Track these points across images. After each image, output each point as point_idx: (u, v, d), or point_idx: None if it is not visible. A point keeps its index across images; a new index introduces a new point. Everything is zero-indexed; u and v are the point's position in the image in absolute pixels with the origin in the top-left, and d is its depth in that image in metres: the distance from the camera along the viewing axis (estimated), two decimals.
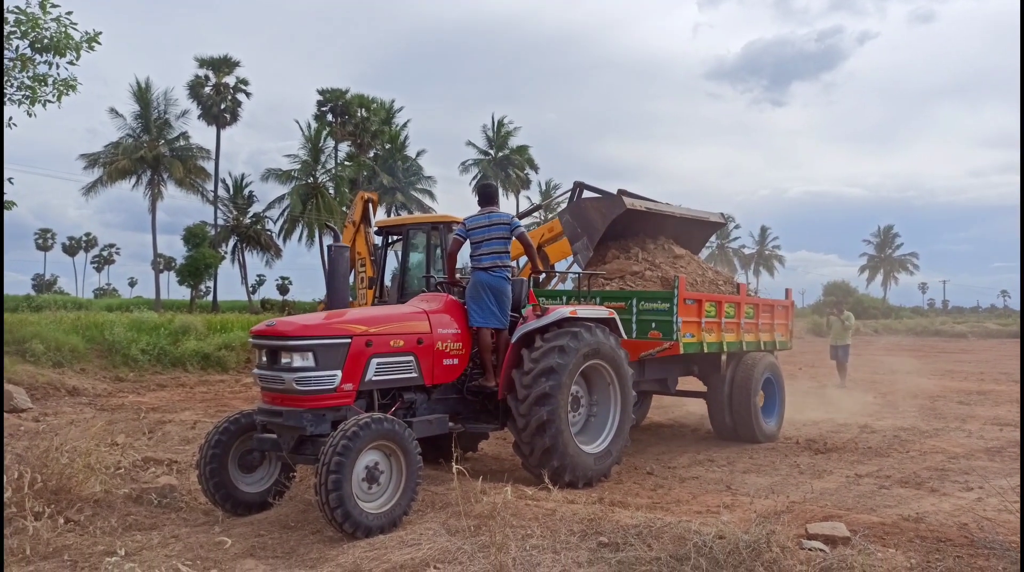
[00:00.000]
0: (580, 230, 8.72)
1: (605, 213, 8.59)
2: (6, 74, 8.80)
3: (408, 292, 10.31)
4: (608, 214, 8.53)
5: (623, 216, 8.67)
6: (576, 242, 8.76)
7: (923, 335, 45.94)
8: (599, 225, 8.57)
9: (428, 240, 10.56)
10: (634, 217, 8.91)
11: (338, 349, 5.45)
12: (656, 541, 4.43)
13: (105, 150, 42.60)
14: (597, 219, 8.61)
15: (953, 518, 5.73)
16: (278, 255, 48.69)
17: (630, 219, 8.92)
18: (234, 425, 5.69)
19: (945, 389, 15.58)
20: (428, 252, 10.53)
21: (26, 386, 11.71)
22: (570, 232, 8.98)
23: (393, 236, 11.18)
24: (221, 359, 16.20)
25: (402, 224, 11.23)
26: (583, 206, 9.09)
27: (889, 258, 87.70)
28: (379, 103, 49.67)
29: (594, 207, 8.88)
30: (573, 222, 8.96)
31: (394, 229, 11.18)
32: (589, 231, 8.62)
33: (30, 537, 4.62)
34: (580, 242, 8.63)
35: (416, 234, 10.83)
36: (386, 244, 11.20)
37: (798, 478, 7.27)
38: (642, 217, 9.04)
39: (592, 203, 9.02)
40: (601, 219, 8.56)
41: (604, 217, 8.55)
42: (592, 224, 8.65)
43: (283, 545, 4.85)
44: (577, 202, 9.40)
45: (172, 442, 8.41)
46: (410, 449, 5.20)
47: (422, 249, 10.75)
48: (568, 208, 9.39)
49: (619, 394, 7.05)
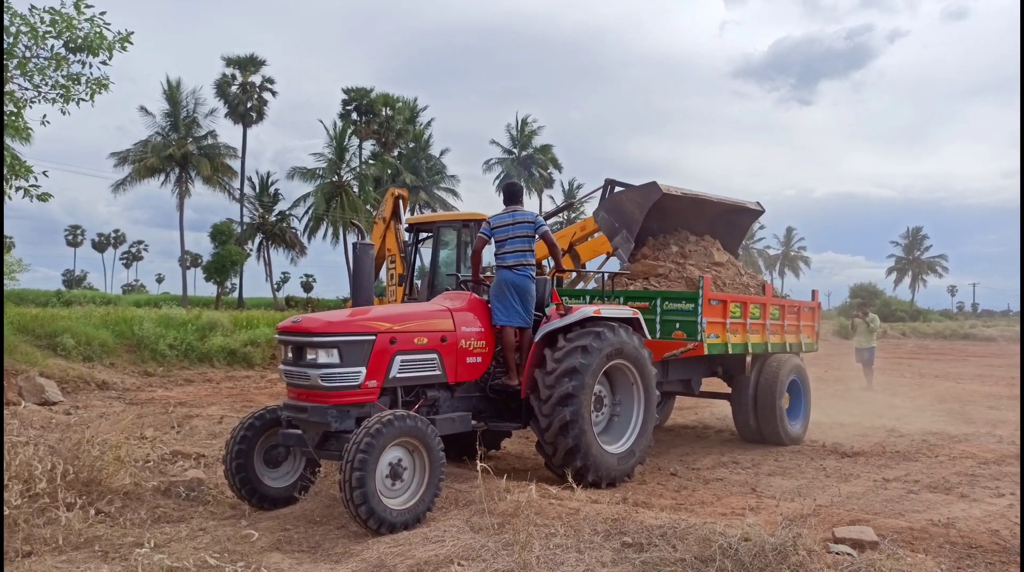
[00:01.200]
0: (618, 224, 8.59)
1: (641, 202, 8.47)
2: (41, 73, 8.96)
3: (438, 289, 10.27)
4: (645, 203, 8.41)
5: (660, 205, 8.53)
6: (616, 237, 8.62)
7: (952, 338, 45.19)
8: (637, 215, 8.44)
9: (459, 237, 10.54)
10: (672, 207, 8.74)
11: (363, 346, 5.48)
12: (681, 542, 4.40)
13: (135, 148, 43.29)
14: (634, 210, 8.48)
15: (984, 524, 5.64)
16: (303, 253, 49.12)
17: (668, 210, 8.74)
18: (260, 421, 5.76)
19: (975, 393, 15.31)
20: (459, 249, 10.52)
21: (57, 380, 11.94)
22: (607, 228, 8.87)
23: (423, 233, 11.18)
24: (247, 355, 16.38)
25: (432, 221, 11.20)
26: (618, 199, 8.98)
27: (917, 260, 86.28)
28: (403, 102, 49.92)
29: (629, 198, 8.76)
30: (609, 218, 8.84)
31: (424, 226, 11.17)
32: (628, 224, 8.49)
33: (63, 527, 4.71)
34: (620, 236, 8.50)
35: (446, 231, 10.81)
36: (416, 241, 11.21)
37: (824, 481, 7.19)
38: (680, 206, 8.88)
39: (627, 195, 8.90)
40: (638, 209, 8.43)
41: (641, 207, 8.43)
42: (630, 215, 8.52)
43: (308, 539, 4.89)
44: (612, 196, 9.28)
45: (199, 436, 8.52)
46: (433, 446, 5.22)
47: (452, 246, 10.73)
48: (602, 205, 9.26)
49: (642, 394, 7.02)
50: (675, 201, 8.77)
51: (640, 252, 9.16)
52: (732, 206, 9.74)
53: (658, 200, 8.47)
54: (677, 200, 8.78)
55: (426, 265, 11.21)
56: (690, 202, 9.02)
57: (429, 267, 10.89)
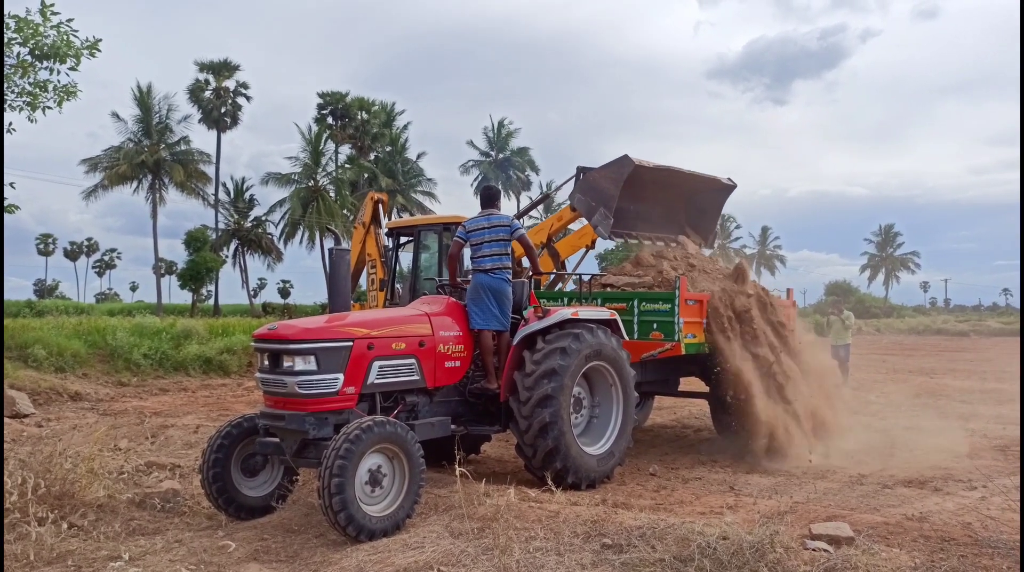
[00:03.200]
0: (595, 203, 8.52)
1: (615, 177, 8.42)
2: (6, 80, 8.82)
3: (419, 293, 10.23)
4: (619, 176, 8.35)
5: (635, 180, 8.43)
6: (594, 215, 8.54)
7: (925, 334, 45.92)
8: (613, 190, 8.39)
9: (439, 241, 10.50)
10: (646, 181, 8.67)
11: (340, 352, 5.45)
12: (660, 542, 4.43)
13: (106, 154, 42.70)
14: (609, 186, 8.43)
15: (957, 517, 5.72)
16: (279, 259, 48.72)
17: (642, 186, 8.65)
18: (236, 429, 5.70)
19: (948, 388, 15.56)
20: (439, 253, 10.47)
21: (28, 392, 11.74)
22: (585, 209, 8.78)
23: (404, 237, 11.14)
24: (223, 363, 16.22)
25: (413, 225, 11.13)
26: (592, 178, 8.87)
27: (890, 257, 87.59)
28: (379, 105, 49.72)
29: (603, 175, 8.69)
30: (586, 198, 8.75)
31: (405, 230, 11.12)
32: (604, 200, 8.43)
33: (34, 542, 4.63)
34: (598, 214, 8.41)
35: (427, 235, 10.76)
36: (397, 245, 11.17)
37: (801, 478, 7.26)
38: (653, 181, 8.81)
39: (600, 172, 8.82)
40: (613, 184, 8.38)
41: (615, 181, 8.38)
42: (606, 192, 8.46)
43: (287, 549, 4.85)
44: (585, 177, 9.17)
45: (175, 446, 8.42)
46: (413, 452, 5.20)
47: (433, 250, 10.68)
48: (577, 187, 9.14)
49: (621, 395, 7.05)
50: (648, 174, 8.68)
51: (627, 266, 9.17)
52: (705, 180, 9.69)
53: (632, 175, 8.39)
54: (650, 173, 8.70)
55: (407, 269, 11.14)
56: (664, 175, 8.92)
57: (410, 271, 10.84)
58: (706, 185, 9.72)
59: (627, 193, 8.55)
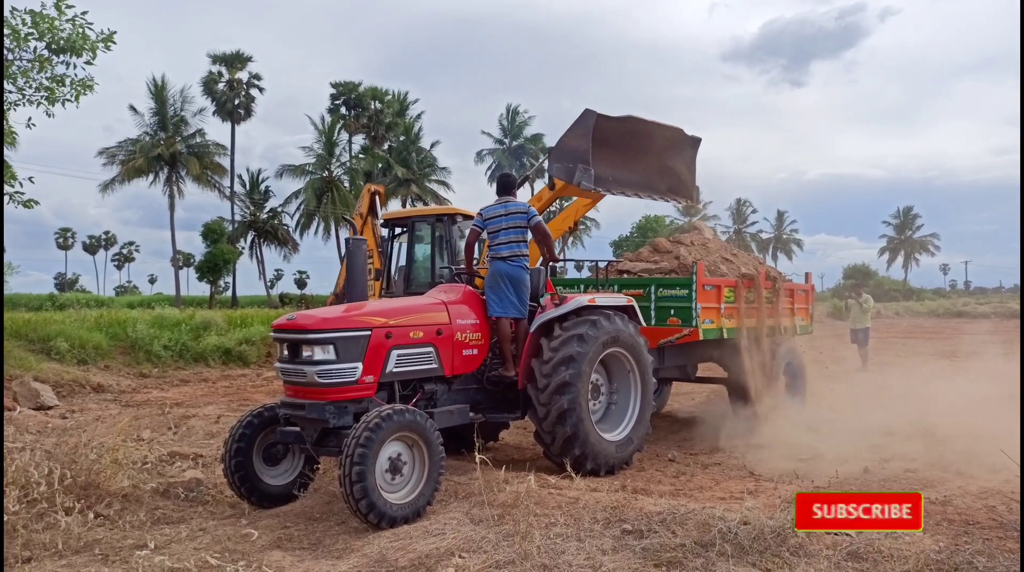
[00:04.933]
0: (572, 163, 8.44)
1: (582, 132, 8.32)
2: (25, 76, 8.88)
3: (414, 284, 10.39)
4: (586, 130, 8.27)
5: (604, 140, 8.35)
6: (575, 175, 8.47)
7: (945, 317, 45.40)
8: (584, 144, 8.30)
9: (433, 232, 10.67)
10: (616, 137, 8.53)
11: (358, 341, 5.47)
12: (680, 528, 4.43)
13: (122, 147, 42.97)
14: (580, 142, 8.34)
15: (981, 500, 5.67)
16: (295, 249, 48.99)
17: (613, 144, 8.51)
18: (257, 419, 5.75)
19: (969, 371, 15.38)
20: (432, 244, 10.63)
21: (52, 384, 11.89)
22: (564, 174, 8.67)
23: (399, 228, 11.32)
24: (242, 354, 16.34)
25: (407, 217, 11.36)
26: (562, 143, 8.78)
27: (909, 240, 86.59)
28: (393, 95, 49.70)
29: (570, 135, 8.59)
30: (562, 164, 8.70)
31: (399, 222, 11.32)
32: (579, 156, 8.34)
33: (62, 532, 4.70)
34: (578, 171, 8.30)
35: (421, 226, 10.96)
36: (392, 236, 11.35)
37: (822, 463, 7.21)
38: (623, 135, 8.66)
39: (567, 134, 8.71)
40: (583, 139, 8.29)
41: (584, 135, 8.29)
42: (578, 148, 8.36)
43: (309, 536, 4.90)
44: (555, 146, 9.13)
45: (197, 437, 8.51)
46: (432, 440, 5.22)
47: (427, 241, 10.87)
48: (551, 160, 9.10)
49: (639, 381, 7.04)
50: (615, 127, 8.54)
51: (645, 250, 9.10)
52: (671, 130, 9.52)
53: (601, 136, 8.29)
54: (617, 125, 8.57)
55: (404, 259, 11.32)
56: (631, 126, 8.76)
57: (405, 261, 11.02)
58: (675, 140, 9.49)
59: (600, 155, 8.45)
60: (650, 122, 8.96)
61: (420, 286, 10.71)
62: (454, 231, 10.41)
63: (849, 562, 3.99)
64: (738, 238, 78.29)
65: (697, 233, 10.13)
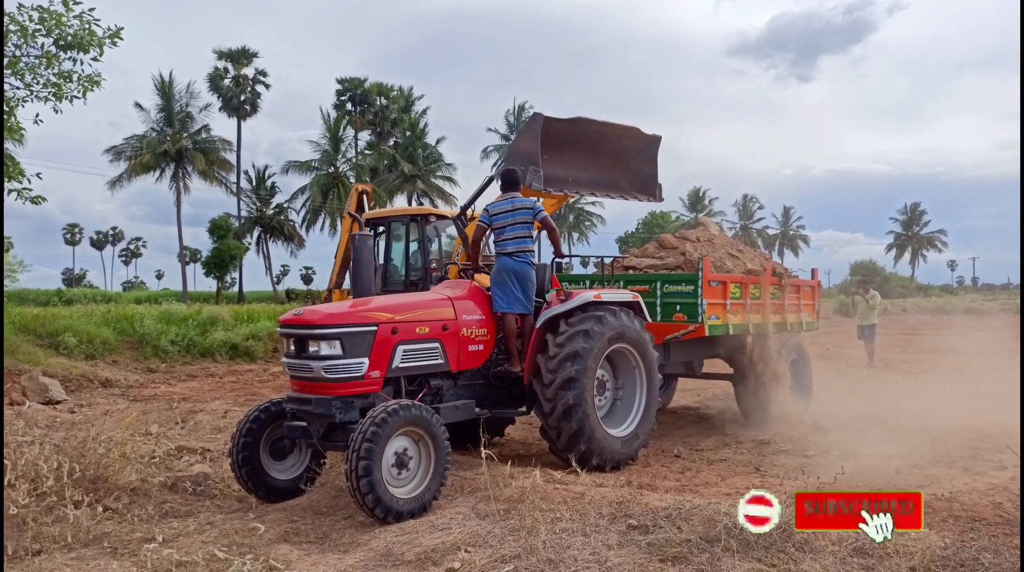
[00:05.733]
0: (522, 166, 8.53)
1: (531, 135, 8.32)
2: (33, 72, 8.92)
3: (390, 282, 10.71)
4: (534, 133, 8.30)
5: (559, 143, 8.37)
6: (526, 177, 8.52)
7: (952, 313, 45.21)
8: (533, 147, 8.30)
9: (407, 231, 10.91)
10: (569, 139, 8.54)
11: (364, 337, 5.49)
12: (686, 523, 4.43)
13: (129, 143, 43.14)
14: (529, 145, 8.35)
15: (987, 497, 5.66)
16: (301, 245, 49.04)
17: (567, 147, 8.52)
18: (264, 413, 5.78)
19: (976, 367, 15.33)
20: (406, 243, 10.90)
21: (60, 379, 11.96)
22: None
23: (380, 227, 11.50)
24: (249, 349, 16.40)
25: (384, 216, 11.63)
26: (513, 147, 8.91)
27: (916, 236, 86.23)
28: (398, 91, 49.68)
29: (520, 140, 8.62)
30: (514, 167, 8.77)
31: (377, 221, 11.51)
32: (529, 159, 8.36)
33: (71, 525, 4.74)
34: (529, 173, 8.36)
35: (396, 226, 11.30)
36: (374, 235, 11.51)
37: (828, 459, 7.20)
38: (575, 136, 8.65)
39: (518, 139, 8.83)
40: (532, 142, 8.30)
41: (533, 139, 8.31)
42: (527, 151, 8.37)
43: (316, 530, 4.92)
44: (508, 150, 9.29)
45: (204, 431, 8.55)
46: (438, 435, 5.24)
47: (402, 240, 11.13)
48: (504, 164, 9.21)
49: (645, 377, 7.04)
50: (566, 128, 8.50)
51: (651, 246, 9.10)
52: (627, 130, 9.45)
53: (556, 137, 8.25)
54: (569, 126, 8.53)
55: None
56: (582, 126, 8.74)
57: (382, 260, 11.25)
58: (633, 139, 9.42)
59: (554, 157, 8.47)
60: (603, 122, 9.02)
61: (395, 285, 10.95)
62: (428, 231, 10.73)
63: (855, 558, 3.99)
64: (744, 234, 78.08)
65: (703, 229, 10.12)
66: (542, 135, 8.08)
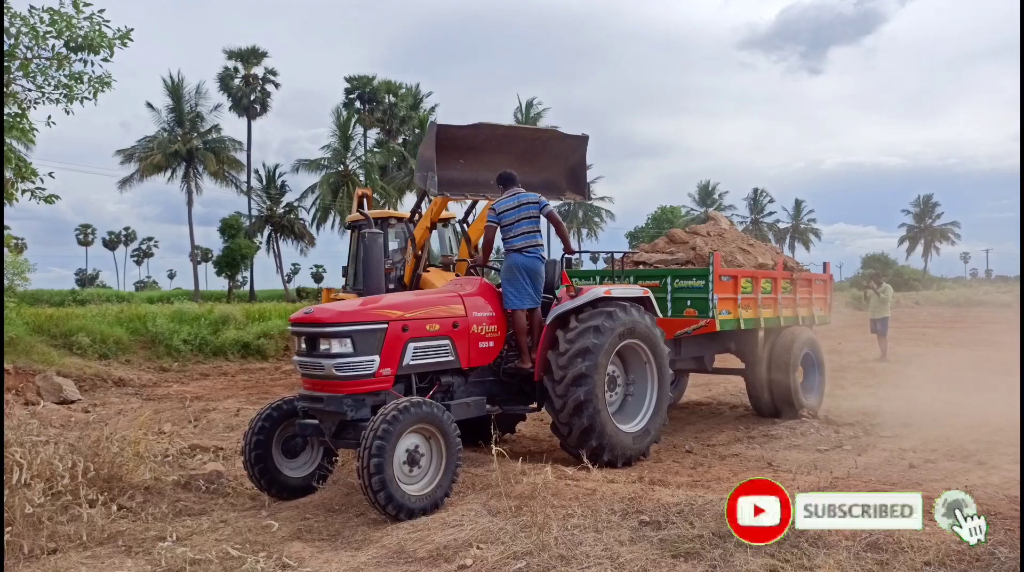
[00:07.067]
0: (423, 172, 8.75)
1: (428, 142, 8.57)
2: (44, 74, 8.97)
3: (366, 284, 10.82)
4: (430, 141, 8.50)
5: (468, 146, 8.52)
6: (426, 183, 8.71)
7: (966, 306, 44.83)
8: (430, 154, 8.51)
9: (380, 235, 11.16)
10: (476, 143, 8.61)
11: (375, 334, 5.50)
12: (698, 519, 4.42)
13: (140, 143, 43.39)
14: (427, 152, 8.61)
15: (1003, 491, 5.61)
16: (312, 244, 49.13)
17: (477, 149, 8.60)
18: (276, 412, 5.80)
19: (989, 360, 15.20)
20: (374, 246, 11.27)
21: (74, 378, 12.06)
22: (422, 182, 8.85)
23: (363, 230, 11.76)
24: (261, 347, 16.48)
25: (356, 220, 11.85)
26: (418, 156, 9.14)
27: (929, 228, 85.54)
28: (407, 88, 49.69)
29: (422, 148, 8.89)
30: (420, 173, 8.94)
31: (354, 224, 11.83)
32: (427, 165, 8.61)
33: (86, 523, 4.78)
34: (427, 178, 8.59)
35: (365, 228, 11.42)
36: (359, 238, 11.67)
37: (841, 454, 7.18)
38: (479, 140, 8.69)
39: (420, 147, 9.10)
40: (429, 149, 8.55)
41: (429, 145, 8.55)
42: (425, 158, 8.65)
43: (329, 528, 4.94)
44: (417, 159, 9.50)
45: (217, 429, 8.60)
46: (449, 432, 5.25)
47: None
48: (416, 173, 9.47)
49: (656, 373, 7.02)
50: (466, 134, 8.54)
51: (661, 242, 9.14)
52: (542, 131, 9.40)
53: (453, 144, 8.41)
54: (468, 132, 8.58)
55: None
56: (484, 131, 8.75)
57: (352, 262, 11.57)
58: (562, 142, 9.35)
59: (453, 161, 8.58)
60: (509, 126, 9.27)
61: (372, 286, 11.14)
62: (388, 233, 11.08)
63: (869, 553, 3.97)
64: (755, 228, 77.66)
65: (713, 223, 10.08)
66: (437, 142, 8.28)
